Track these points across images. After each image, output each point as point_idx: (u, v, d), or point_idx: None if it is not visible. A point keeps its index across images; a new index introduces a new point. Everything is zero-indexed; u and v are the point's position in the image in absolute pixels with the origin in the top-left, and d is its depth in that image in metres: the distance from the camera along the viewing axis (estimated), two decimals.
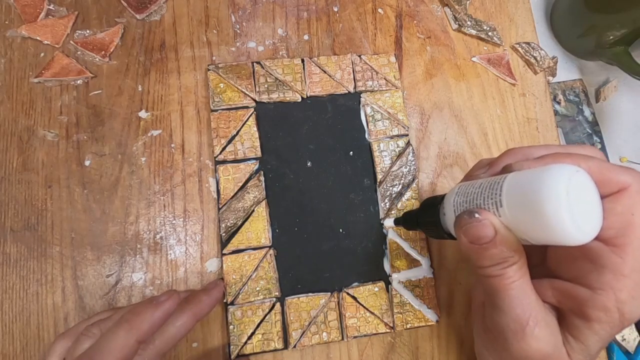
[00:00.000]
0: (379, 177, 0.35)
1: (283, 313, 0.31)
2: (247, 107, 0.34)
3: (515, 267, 0.21)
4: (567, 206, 0.17)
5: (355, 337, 0.32)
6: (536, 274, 0.22)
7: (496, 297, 0.21)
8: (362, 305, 0.32)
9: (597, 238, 0.19)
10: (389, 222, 0.34)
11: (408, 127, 0.36)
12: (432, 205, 0.26)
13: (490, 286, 0.21)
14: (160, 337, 0.25)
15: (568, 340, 0.21)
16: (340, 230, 0.34)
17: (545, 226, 0.17)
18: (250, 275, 0.32)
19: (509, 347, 0.22)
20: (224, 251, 0.32)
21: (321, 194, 0.34)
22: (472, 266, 0.22)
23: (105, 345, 0.23)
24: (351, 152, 0.35)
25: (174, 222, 0.33)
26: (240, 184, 0.33)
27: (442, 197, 0.25)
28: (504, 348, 0.22)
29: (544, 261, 0.24)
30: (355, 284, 0.33)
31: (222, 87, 0.34)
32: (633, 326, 0.31)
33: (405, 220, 0.30)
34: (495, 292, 0.21)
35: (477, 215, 0.20)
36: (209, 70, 0.35)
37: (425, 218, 0.26)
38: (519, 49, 0.39)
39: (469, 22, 0.39)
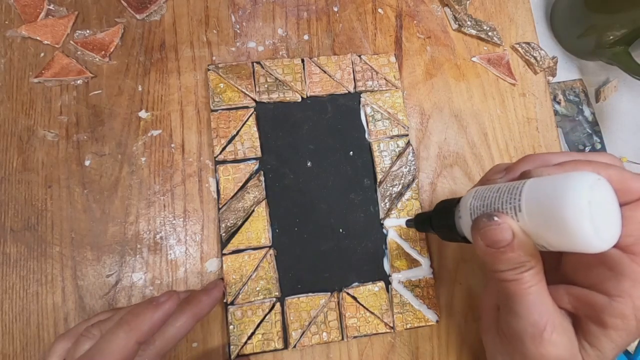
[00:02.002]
0: (379, 177, 0.35)
1: (283, 313, 0.31)
2: (247, 107, 0.34)
3: (532, 272, 0.21)
4: (589, 214, 0.17)
5: (355, 337, 0.32)
6: (550, 280, 0.22)
7: (512, 301, 0.21)
8: (362, 305, 0.32)
9: (615, 246, 0.19)
10: (389, 222, 0.34)
11: (408, 127, 0.36)
12: (447, 208, 0.26)
13: (507, 290, 0.21)
14: (160, 338, 0.25)
15: (583, 347, 0.21)
16: (340, 230, 0.34)
17: (566, 233, 0.17)
18: (250, 275, 0.32)
19: (525, 352, 0.21)
20: (224, 251, 0.32)
21: (321, 194, 0.34)
22: (487, 270, 0.22)
23: (105, 346, 0.23)
24: (351, 152, 0.35)
25: (174, 222, 0.33)
26: (240, 184, 0.33)
27: (458, 200, 0.25)
28: (520, 352, 0.22)
29: (558, 267, 0.24)
30: (355, 284, 0.33)
31: (222, 87, 0.34)
32: None
33: (418, 222, 0.29)
34: (511, 297, 0.21)
35: (496, 218, 0.20)
36: (209, 70, 0.35)
37: (440, 221, 0.26)
38: (519, 49, 0.39)
39: (469, 22, 0.39)
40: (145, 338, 0.24)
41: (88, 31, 0.35)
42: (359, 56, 0.37)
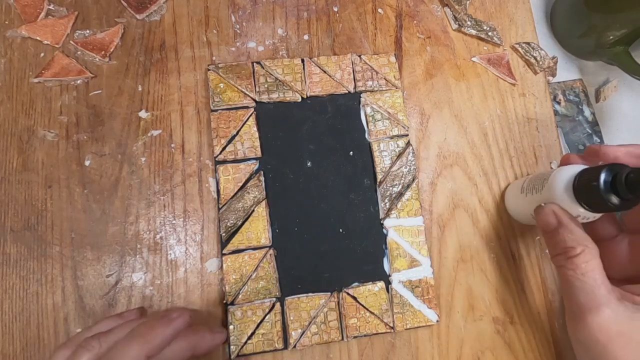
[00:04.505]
0: (379, 177, 0.35)
1: (283, 313, 0.31)
2: (247, 107, 0.34)
3: (579, 259, 0.25)
4: None
5: (355, 337, 0.32)
6: None
7: (563, 284, 0.26)
8: (362, 305, 0.32)
9: None
10: (389, 222, 0.34)
11: (408, 127, 0.36)
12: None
13: (559, 275, 0.27)
14: None
15: None
16: (340, 230, 0.34)
17: None
18: (250, 275, 0.32)
19: (571, 332, 0.26)
20: (224, 251, 0.32)
21: (321, 194, 0.34)
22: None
23: (118, 357, 0.23)
24: (351, 152, 0.35)
25: (174, 222, 0.33)
26: (240, 184, 0.33)
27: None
28: (571, 332, 0.26)
29: None
30: (355, 284, 0.33)
31: (222, 87, 0.34)
32: None
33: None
34: (562, 281, 0.26)
35: (542, 204, 0.27)
36: (209, 70, 0.35)
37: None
38: (519, 49, 0.39)
39: (469, 22, 0.39)
40: (155, 353, 0.24)
41: (88, 31, 0.35)
42: (359, 56, 0.37)
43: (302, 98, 0.35)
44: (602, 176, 0.24)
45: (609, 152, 0.27)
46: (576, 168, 0.26)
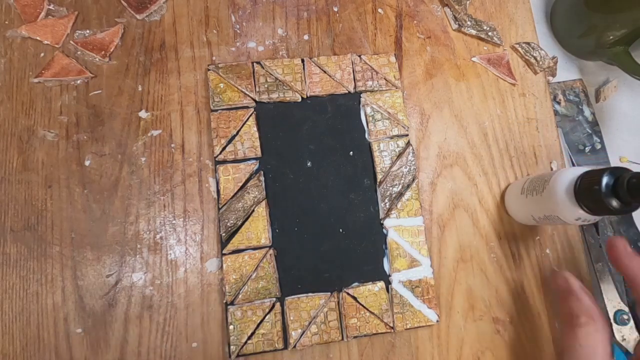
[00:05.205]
0: (379, 177, 0.35)
1: (283, 313, 0.31)
2: (247, 107, 0.34)
3: (581, 331, 0.25)
4: None
5: (355, 337, 0.32)
6: None
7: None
8: (362, 305, 0.32)
9: None
10: (389, 222, 0.34)
11: (408, 127, 0.36)
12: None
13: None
14: None
15: None
16: (340, 230, 0.34)
17: None
18: (250, 275, 0.32)
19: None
20: (224, 251, 0.32)
21: (321, 194, 0.34)
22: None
23: None
24: (351, 152, 0.35)
25: (174, 222, 0.33)
26: (240, 184, 0.33)
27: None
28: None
29: None
30: (355, 284, 0.33)
31: (222, 87, 0.34)
32: (633, 326, 0.31)
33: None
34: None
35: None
36: (209, 70, 0.35)
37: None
38: (519, 49, 0.39)
39: (469, 22, 0.39)
40: None
41: (88, 31, 0.35)
42: (359, 56, 0.37)
43: (302, 98, 0.35)
44: (604, 179, 0.24)
45: None
46: (577, 170, 0.27)
